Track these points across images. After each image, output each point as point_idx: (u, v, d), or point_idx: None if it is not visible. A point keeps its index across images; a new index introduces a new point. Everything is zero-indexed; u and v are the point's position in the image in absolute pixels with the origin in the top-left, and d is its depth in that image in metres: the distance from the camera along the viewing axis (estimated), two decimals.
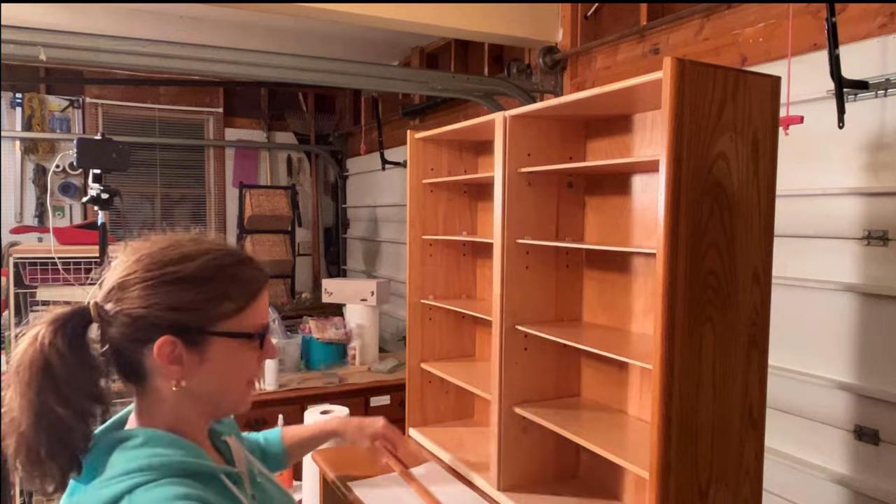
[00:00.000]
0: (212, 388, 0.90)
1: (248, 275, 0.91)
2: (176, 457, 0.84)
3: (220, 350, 0.88)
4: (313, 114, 5.83)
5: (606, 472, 1.56)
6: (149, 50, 2.46)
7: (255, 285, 0.91)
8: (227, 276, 0.89)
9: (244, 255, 0.93)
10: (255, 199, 4.99)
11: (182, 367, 0.86)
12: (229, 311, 0.88)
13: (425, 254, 2.00)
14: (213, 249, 0.90)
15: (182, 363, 0.86)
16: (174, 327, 0.85)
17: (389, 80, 3.05)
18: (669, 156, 1.09)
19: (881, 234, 1.78)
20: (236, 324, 0.89)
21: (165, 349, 0.85)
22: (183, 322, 0.85)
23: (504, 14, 2.90)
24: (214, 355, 0.88)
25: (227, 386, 0.92)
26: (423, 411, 2.01)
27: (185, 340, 0.86)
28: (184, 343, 0.86)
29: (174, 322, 0.85)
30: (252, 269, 0.92)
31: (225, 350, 0.88)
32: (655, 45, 2.57)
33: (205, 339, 0.87)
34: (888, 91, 1.76)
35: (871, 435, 1.80)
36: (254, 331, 0.90)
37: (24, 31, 2.27)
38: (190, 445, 0.88)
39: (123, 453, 0.83)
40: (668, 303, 1.11)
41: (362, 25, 2.78)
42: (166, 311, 0.84)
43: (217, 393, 0.91)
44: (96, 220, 2.45)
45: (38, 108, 4.88)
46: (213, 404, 0.93)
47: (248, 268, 0.92)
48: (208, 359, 0.88)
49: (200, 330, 0.86)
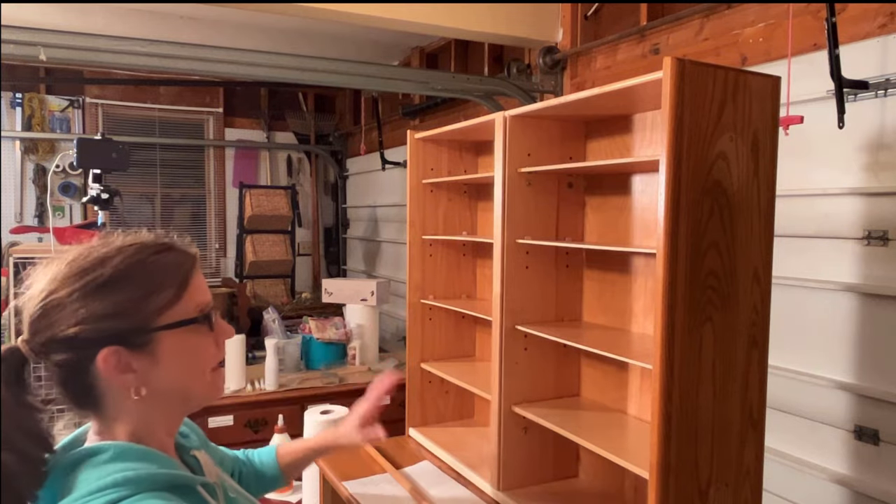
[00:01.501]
0: (175, 385, 0.86)
1: (172, 260, 0.86)
2: (151, 469, 0.80)
3: (170, 344, 0.83)
4: (313, 114, 5.83)
5: (606, 472, 1.56)
6: (149, 50, 2.46)
7: (184, 268, 0.86)
8: (150, 267, 0.83)
9: (162, 242, 0.88)
10: (255, 199, 4.99)
11: (136, 374, 0.82)
12: (165, 302, 0.83)
13: (425, 254, 2.00)
14: (126, 245, 0.85)
15: (133, 370, 0.82)
16: (112, 336, 0.80)
17: (389, 80, 3.05)
18: (669, 156, 1.09)
19: (881, 234, 1.78)
20: (177, 312, 0.84)
21: (111, 361, 0.80)
22: (119, 328, 0.80)
23: (504, 14, 2.90)
24: (166, 351, 0.83)
25: (190, 378, 0.87)
26: (423, 411, 2.01)
27: (128, 346, 0.81)
28: (128, 349, 0.81)
29: (110, 331, 0.80)
30: (175, 253, 0.87)
31: (175, 343, 0.84)
32: (655, 45, 2.57)
33: (149, 338, 0.82)
34: (888, 91, 1.76)
35: (871, 435, 1.80)
36: (197, 314, 0.86)
37: (24, 31, 2.27)
38: (163, 457, 0.84)
39: (93, 470, 0.78)
40: (668, 303, 1.11)
41: (362, 25, 2.78)
42: (98, 321, 0.79)
43: (182, 388, 0.87)
44: (96, 220, 2.45)
45: (38, 108, 4.88)
46: (181, 401, 0.89)
47: (171, 253, 0.87)
48: (161, 357, 0.83)
49: (141, 330, 0.81)
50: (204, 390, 0.90)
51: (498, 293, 1.55)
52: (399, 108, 4.66)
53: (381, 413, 1.39)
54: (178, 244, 0.89)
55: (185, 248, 0.90)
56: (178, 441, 0.96)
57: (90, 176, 2.39)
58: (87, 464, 0.79)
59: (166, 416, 0.88)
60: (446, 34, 3.27)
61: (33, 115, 4.86)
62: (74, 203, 5.02)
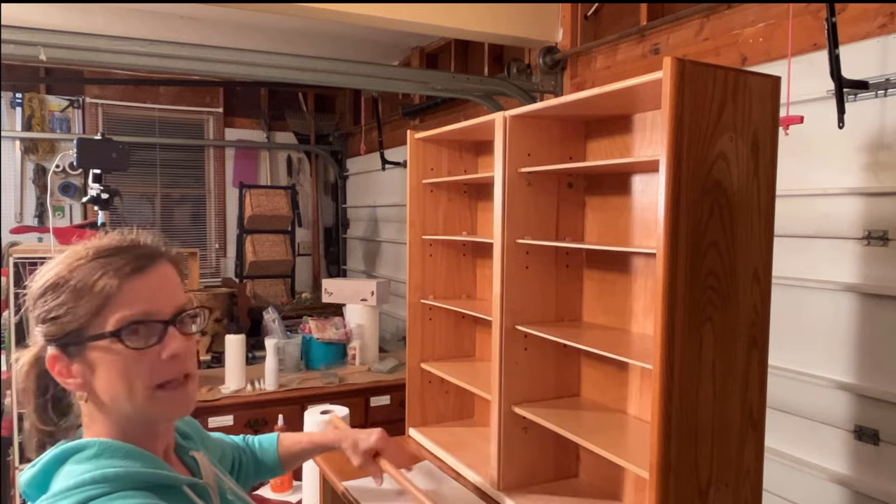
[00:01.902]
0: (114, 397, 0.80)
1: (107, 263, 0.79)
2: (132, 468, 0.78)
3: (100, 358, 0.79)
4: (313, 114, 5.83)
5: (606, 472, 1.56)
6: (149, 50, 2.46)
7: (119, 272, 0.78)
8: (87, 270, 0.79)
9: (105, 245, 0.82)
10: (255, 199, 4.99)
11: (76, 381, 0.80)
12: (90, 312, 0.78)
13: (425, 254, 2.00)
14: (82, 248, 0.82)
15: (73, 375, 0.80)
16: (52, 340, 0.80)
17: (389, 80, 3.05)
18: (669, 156, 1.09)
19: (881, 234, 1.78)
20: (100, 324, 0.78)
21: (52, 365, 0.81)
22: (55, 333, 0.79)
23: (504, 14, 2.90)
24: (97, 364, 0.79)
25: (125, 393, 0.80)
26: (423, 411, 2.01)
27: (64, 352, 0.80)
28: (65, 355, 0.80)
29: (49, 334, 0.80)
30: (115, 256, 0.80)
31: (104, 355, 0.78)
32: (655, 45, 2.57)
33: (82, 347, 0.79)
34: (888, 91, 1.76)
35: (871, 435, 1.80)
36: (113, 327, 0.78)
37: (24, 31, 2.27)
38: (148, 456, 0.82)
39: (76, 465, 0.78)
40: (668, 303, 1.11)
41: (362, 25, 2.78)
42: (41, 324, 0.80)
43: (122, 402, 0.80)
44: (96, 220, 2.45)
45: (38, 108, 4.88)
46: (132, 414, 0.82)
47: (109, 256, 0.80)
48: (93, 367, 0.79)
49: (71, 337, 0.79)
50: (147, 407, 0.81)
51: (498, 293, 1.55)
52: (399, 108, 4.66)
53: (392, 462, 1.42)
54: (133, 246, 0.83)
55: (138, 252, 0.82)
56: (178, 442, 0.95)
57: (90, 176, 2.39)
58: (71, 459, 0.79)
59: (134, 421, 0.83)
60: (446, 34, 3.27)
61: (33, 115, 4.86)
62: (74, 203, 5.02)
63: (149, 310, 0.80)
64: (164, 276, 0.83)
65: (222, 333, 3.10)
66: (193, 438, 1.01)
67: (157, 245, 0.85)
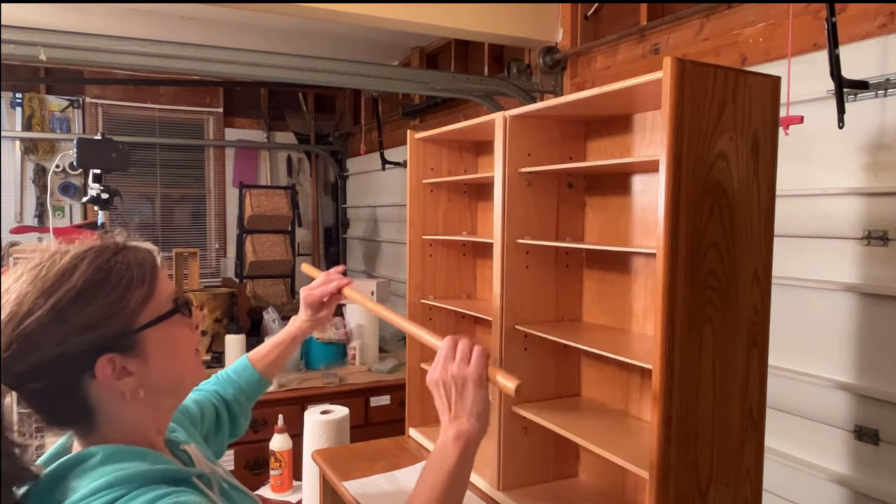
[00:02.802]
0: (169, 377, 0.87)
1: (134, 258, 0.85)
2: (142, 467, 0.79)
3: (156, 340, 0.84)
4: (313, 114, 5.83)
5: (606, 472, 1.56)
6: (149, 50, 2.46)
7: (147, 262, 0.87)
8: (116, 269, 0.82)
9: (118, 244, 0.87)
10: (255, 199, 4.99)
11: (133, 376, 0.82)
12: (141, 300, 0.83)
13: (425, 254, 2.00)
14: (83, 252, 0.82)
15: (130, 373, 0.82)
16: (101, 346, 0.79)
17: (389, 80, 3.05)
18: (669, 156, 1.09)
19: (881, 234, 1.78)
20: (154, 308, 0.84)
21: (107, 370, 0.79)
22: (106, 335, 0.79)
23: (504, 14, 2.90)
24: (154, 348, 0.84)
25: (180, 367, 0.89)
26: (423, 411, 2.00)
27: (118, 352, 0.80)
28: (120, 354, 0.80)
29: (98, 341, 0.78)
30: (134, 250, 0.87)
31: (160, 338, 0.84)
32: (655, 45, 2.57)
33: (135, 339, 0.82)
34: (888, 91, 1.76)
35: (871, 435, 1.80)
36: (173, 305, 0.87)
37: (24, 31, 2.27)
38: (153, 454, 0.84)
39: (84, 476, 0.76)
40: (668, 303, 1.11)
41: (362, 25, 2.78)
42: (82, 334, 0.77)
43: (176, 379, 0.89)
44: (96, 220, 2.45)
45: (38, 108, 4.89)
46: (175, 392, 0.91)
47: (131, 251, 0.86)
48: (150, 354, 0.83)
49: (125, 333, 0.81)
50: (193, 375, 0.93)
51: (498, 293, 1.55)
52: (399, 108, 4.66)
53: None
54: (133, 243, 0.89)
55: (141, 245, 0.90)
56: (167, 437, 0.96)
57: (90, 176, 2.39)
58: (76, 470, 0.77)
59: (159, 412, 0.89)
60: (446, 34, 3.27)
61: (33, 115, 4.86)
62: (74, 203, 5.02)
63: (174, 287, 0.91)
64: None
65: (222, 333, 3.10)
66: (179, 432, 1.02)
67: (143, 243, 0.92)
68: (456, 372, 0.97)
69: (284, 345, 1.38)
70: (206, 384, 1.30)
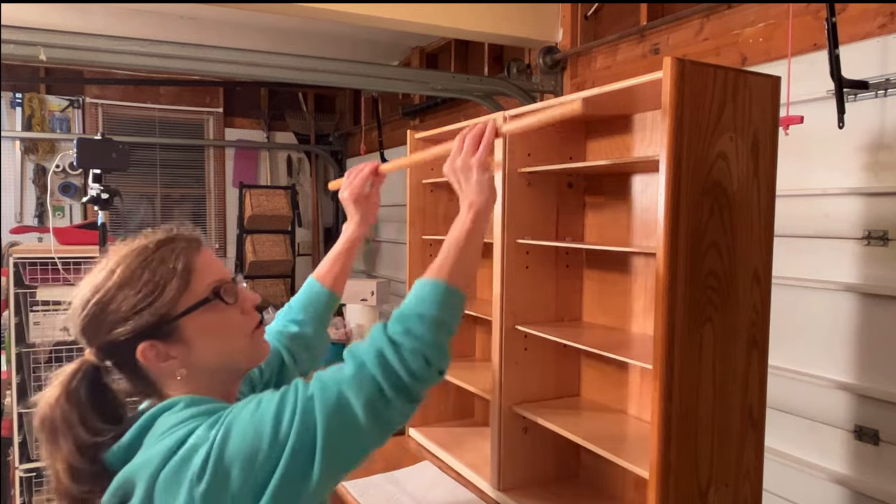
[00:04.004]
0: (214, 359, 0.92)
1: (171, 251, 0.91)
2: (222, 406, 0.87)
3: (194, 327, 0.89)
4: (313, 114, 5.83)
5: (606, 472, 1.56)
6: (149, 50, 2.46)
7: (187, 252, 0.92)
8: (153, 261, 0.89)
9: (160, 238, 0.93)
10: (255, 199, 4.99)
11: (176, 360, 0.89)
12: (178, 289, 0.88)
13: (425, 254, 2.00)
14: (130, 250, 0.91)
15: (172, 356, 0.89)
16: (143, 332, 0.87)
17: (389, 80, 3.05)
18: (669, 156, 1.09)
19: (881, 234, 1.78)
20: (191, 296, 0.89)
21: (149, 354, 0.87)
22: (145, 323, 0.87)
23: (504, 14, 2.90)
24: (193, 334, 0.89)
25: (225, 350, 0.93)
26: (423, 411, 2.01)
27: (159, 338, 0.88)
28: (160, 340, 0.88)
29: (139, 328, 0.86)
30: (174, 243, 0.92)
31: (198, 324, 0.90)
32: (655, 45, 2.57)
33: (174, 326, 0.88)
34: (888, 91, 1.76)
35: (871, 435, 1.80)
36: (210, 293, 0.91)
37: (24, 31, 2.27)
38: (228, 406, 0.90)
39: (170, 416, 0.85)
40: (668, 303, 1.11)
41: (362, 25, 2.78)
42: (126, 322, 0.86)
43: (222, 361, 0.93)
44: (96, 220, 2.45)
45: (38, 108, 4.88)
46: (226, 370, 0.95)
47: (170, 245, 0.92)
48: (190, 340, 0.89)
49: (164, 321, 0.87)
50: (245, 356, 0.97)
51: (498, 293, 1.55)
52: (399, 108, 4.66)
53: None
54: (179, 233, 0.95)
55: (185, 235, 0.95)
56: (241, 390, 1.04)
57: (90, 176, 2.38)
58: (164, 414, 0.86)
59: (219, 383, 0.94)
60: (446, 34, 3.27)
61: (33, 115, 4.86)
62: (74, 203, 5.02)
63: (220, 275, 0.94)
64: (210, 251, 0.97)
65: None
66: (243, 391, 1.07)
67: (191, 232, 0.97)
68: (460, 164, 1.11)
69: (344, 253, 1.36)
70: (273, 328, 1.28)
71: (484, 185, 1.08)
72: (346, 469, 0.85)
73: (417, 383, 0.85)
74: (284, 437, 0.79)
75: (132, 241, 0.93)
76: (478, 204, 1.07)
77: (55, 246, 2.72)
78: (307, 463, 0.79)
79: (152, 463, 0.80)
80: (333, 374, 0.86)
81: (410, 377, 0.84)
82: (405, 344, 0.86)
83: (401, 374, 0.84)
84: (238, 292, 0.95)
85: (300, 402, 0.82)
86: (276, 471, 0.78)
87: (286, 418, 0.80)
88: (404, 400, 0.84)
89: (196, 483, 0.77)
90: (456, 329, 0.93)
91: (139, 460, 0.82)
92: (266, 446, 0.78)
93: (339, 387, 0.83)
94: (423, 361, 0.85)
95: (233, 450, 0.78)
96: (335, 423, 0.81)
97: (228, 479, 0.77)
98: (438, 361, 0.88)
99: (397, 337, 0.86)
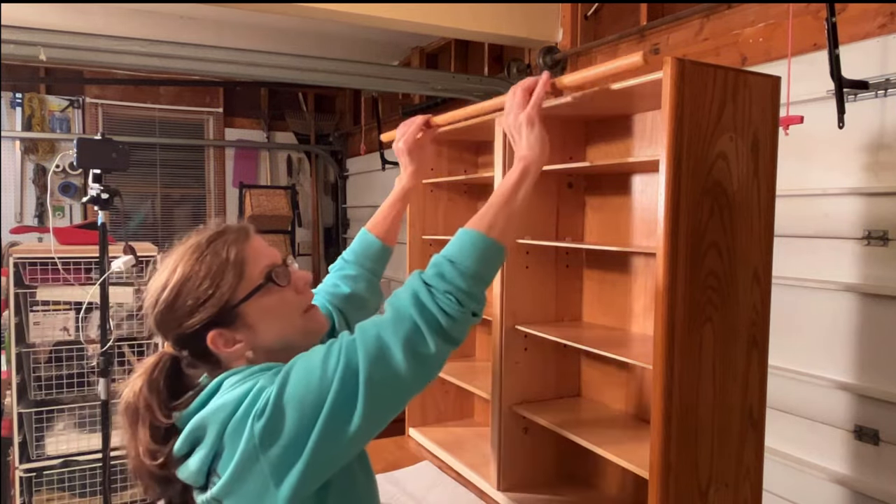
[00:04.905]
0: (276, 338, 0.98)
1: (222, 245, 0.97)
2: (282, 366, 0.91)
3: (254, 311, 0.96)
4: (313, 114, 5.83)
5: (606, 472, 1.56)
6: (149, 50, 2.46)
7: (237, 243, 0.97)
8: (207, 256, 0.95)
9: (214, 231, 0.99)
10: (255, 199, 5.00)
11: (243, 343, 0.95)
12: (234, 279, 0.94)
13: (425, 254, 2.00)
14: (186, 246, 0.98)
15: (239, 341, 0.95)
16: (210, 322, 0.93)
17: (389, 80, 3.06)
18: (669, 156, 1.09)
19: (881, 234, 1.78)
20: (247, 284, 0.95)
21: (218, 341, 0.94)
22: (210, 314, 0.93)
23: (504, 14, 2.90)
24: (254, 318, 0.96)
25: (285, 329, 0.99)
26: (423, 411, 2.01)
27: (225, 325, 0.94)
28: (226, 327, 0.94)
29: (205, 319, 0.93)
30: (227, 234, 0.98)
31: (258, 308, 0.96)
32: (655, 45, 2.57)
33: (236, 313, 0.94)
34: (888, 91, 1.76)
35: (871, 435, 1.80)
36: (263, 278, 0.96)
37: (24, 31, 2.27)
38: None
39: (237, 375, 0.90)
40: (668, 303, 1.11)
41: (362, 25, 2.78)
42: (192, 315, 0.93)
43: (283, 339, 0.98)
44: (96, 220, 2.44)
45: (38, 108, 4.88)
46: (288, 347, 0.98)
47: (224, 236, 0.98)
48: (252, 323, 0.95)
49: (226, 311, 0.94)
50: (302, 333, 1.01)
51: (498, 293, 1.55)
52: (399, 108, 4.66)
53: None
54: (228, 226, 1.01)
55: (235, 227, 1.01)
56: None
57: (90, 176, 2.38)
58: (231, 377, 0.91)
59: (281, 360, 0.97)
60: (446, 34, 3.27)
61: (33, 115, 4.86)
62: (74, 203, 5.02)
63: (271, 259, 0.99)
64: (259, 238, 1.02)
65: None
66: None
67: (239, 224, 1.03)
68: (511, 121, 1.15)
69: (397, 204, 1.39)
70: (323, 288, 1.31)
71: (533, 141, 1.10)
72: (386, 414, 0.89)
73: (453, 323, 0.90)
74: (329, 380, 0.84)
75: (187, 240, 0.99)
76: (528, 157, 1.09)
77: (55, 246, 2.72)
78: (350, 405, 0.84)
79: (225, 408, 0.86)
80: (374, 320, 0.91)
81: (445, 317, 0.89)
82: (438, 286, 0.90)
83: (435, 313, 0.88)
84: (290, 274, 1.00)
85: (344, 347, 0.87)
86: (322, 412, 0.83)
87: (332, 362, 0.86)
88: (441, 339, 0.89)
89: (257, 419, 0.83)
90: (491, 279, 0.97)
91: (211, 407, 0.88)
92: (315, 388, 0.84)
93: (378, 329, 0.88)
94: (457, 303, 0.89)
95: (290, 392, 0.84)
96: (375, 364, 0.85)
97: (284, 418, 0.83)
98: (472, 304, 0.92)
99: (431, 280, 0.91)
